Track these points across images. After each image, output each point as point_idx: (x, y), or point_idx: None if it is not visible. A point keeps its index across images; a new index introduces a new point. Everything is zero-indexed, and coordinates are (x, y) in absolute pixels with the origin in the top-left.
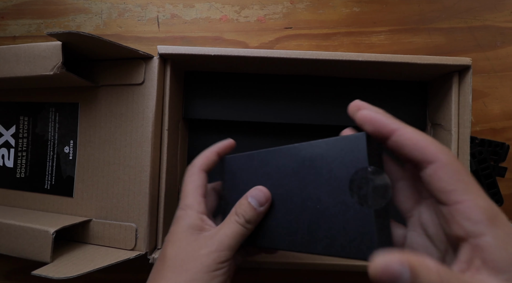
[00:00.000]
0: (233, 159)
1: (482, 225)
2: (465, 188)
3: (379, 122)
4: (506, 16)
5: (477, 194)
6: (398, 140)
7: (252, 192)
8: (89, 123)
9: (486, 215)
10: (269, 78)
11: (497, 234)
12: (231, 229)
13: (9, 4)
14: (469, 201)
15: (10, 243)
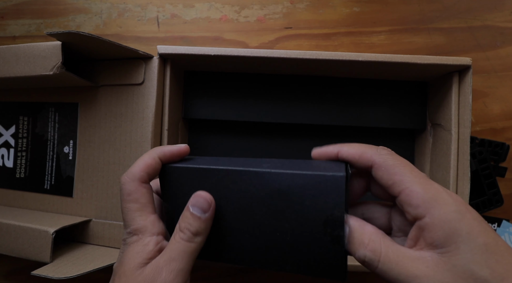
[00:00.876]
0: (181, 170)
1: (420, 208)
2: (401, 179)
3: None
4: (506, 16)
5: (413, 181)
6: (342, 157)
7: (192, 200)
8: (89, 123)
9: (422, 199)
10: (269, 78)
11: (433, 214)
12: (177, 250)
13: (9, 4)
14: (406, 189)
15: (10, 243)
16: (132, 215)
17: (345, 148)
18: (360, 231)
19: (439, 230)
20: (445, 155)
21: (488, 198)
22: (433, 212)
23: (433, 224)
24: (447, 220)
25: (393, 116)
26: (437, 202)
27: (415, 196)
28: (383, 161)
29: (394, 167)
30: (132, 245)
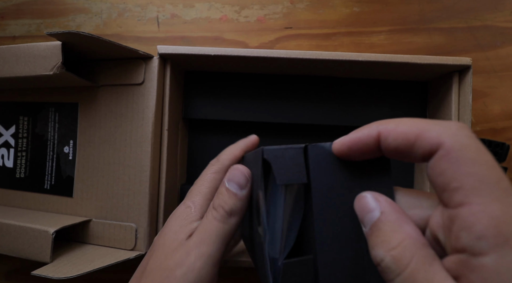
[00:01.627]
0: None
1: (487, 241)
2: (475, 185)
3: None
4: (506, 16)
5: (493, 196)
6: (389, 141)
7: (229, 174)
8: (89, 123)
9: (497, 229)
10: (269, 78)
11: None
12: (208, 231)
13: (9, 4)
14: (477, 205)
15: (10, 243)
16: (201, 190)
17: (391, 126)
18: (394, 225)
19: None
20: None
21: None
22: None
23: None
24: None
25: (393, 116)
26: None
27: (486, 219)
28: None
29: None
30: (180, 216)
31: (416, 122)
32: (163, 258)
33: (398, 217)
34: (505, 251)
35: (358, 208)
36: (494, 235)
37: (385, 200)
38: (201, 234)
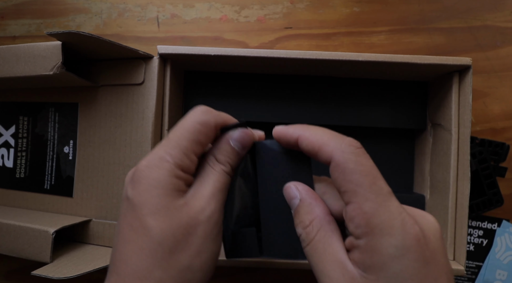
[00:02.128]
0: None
1: (361, 229)
2: (354, 189)
3: (282, 133)
4: (506, 16)
5: (366, 197)
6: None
7: (237, 133)
8: (89, 123)
9: (366, 221)
10: (269, 78)
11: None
12: (220, 181)
13: (9, 4)
14: (355, 204)
15: (10, 243)
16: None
17: (307, 133)
18: (308, 209)
19: (368, 258)
20: (445, 155)
21: (488, 198)
22: (375, 239)
23: (365, 249)
24: (383, 252)
25: (393, 116)
26: (382, 230)
27: (361, 215)
28: (343, 161)
29: (353, 173)
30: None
31: (322, 135)
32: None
33: (311, 202)
34: (370, 236)
35: (286, 196)
36: (365, 225)
37: (303, 189)
38: (214, 182)
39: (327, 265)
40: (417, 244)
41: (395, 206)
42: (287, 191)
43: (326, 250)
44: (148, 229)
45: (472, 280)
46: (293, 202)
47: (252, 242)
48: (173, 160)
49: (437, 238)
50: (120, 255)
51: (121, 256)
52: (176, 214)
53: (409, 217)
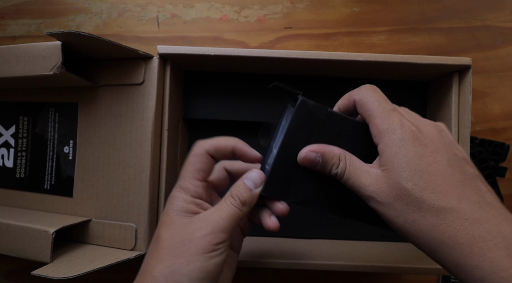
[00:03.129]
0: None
1: (377, 137)
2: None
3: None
4: (506, 16)
5: (376, 115)
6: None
7: (248, 174)
8: (89, 123)
9: (378, 129)
10: (269, 78)
11: (383, 141)
12: (226, 211)
13: (9, 4)
14: (371, 122)
15: (10, 243)
16: (184, 175)
17: (340, 101)
18: (330, 155)
19: (384, 154)
20: None
21: None
22: (383, 140)
23: (382, 149)
24: (390, 146)
25: None
26: (387, 132)
27: (375, 127)
28: (359, 98)
29: (367, 102)
30: (173, 198)
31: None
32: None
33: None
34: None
35: (307, 161)
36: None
37: (316, 147)
38: (219, 212)
39: (361, 178)
40: (413, 135)
41: (397, 116)
42: (307, 157)
43: (356, 169)
44: (159, 238)
45: None
46: (317, 161)
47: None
48: (182, 190)
49: (434, 133)
50: (145, 257)
51: (145, 258)
52: (179, 228)
53: (407, 121)
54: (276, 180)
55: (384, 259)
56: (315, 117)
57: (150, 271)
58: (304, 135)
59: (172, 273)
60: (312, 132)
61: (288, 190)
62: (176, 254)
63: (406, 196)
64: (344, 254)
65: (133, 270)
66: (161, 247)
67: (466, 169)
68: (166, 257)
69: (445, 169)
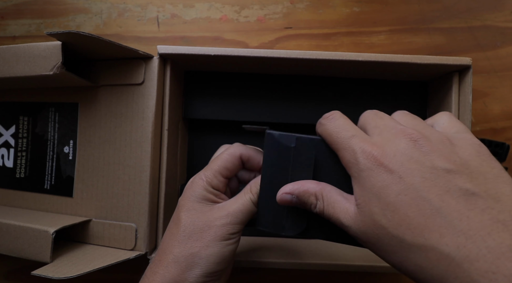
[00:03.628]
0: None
1: (346, 170)
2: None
3: None
4: (506, 16)
5: (337, 147)
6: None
7: None
8: (89, 123)
9: (344, 163)
10: (269, 78)
11: (352, 175)
12: (244, 205)
13: (9, 4)
14: (338, 156)
15: (10, 243)
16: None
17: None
18: (306, 196)
19: (355, 188)
20: None
21: None
22: (351, 172)
23: (353, 183)
24: (357, 178)
25: None
26: (351, 163)
27: (341, 160)
28: (320, 132)
29: (327, 137)
30: (195, 184)
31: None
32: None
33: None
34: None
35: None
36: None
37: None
38: (239, 205)
39: (340, 218)
40: (375, 162)
41: (356, 143)
42: (283, 200)
43: (334, 207)
44: (179, 220)
45: None
46: (294, 202)
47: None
48: (206, 179)
49: (405, 148)
50: (163, 237)
51: (163, 238)
52: (200, 214)
53: (369, 145)
54: (268, 214)
55: None
56: (285, 146)
57: (170, 250)
58: (281, 167)
59: (192, 255)
60: (288, 162)
61: (283, 222)
62: (196, 238)
63: (385, 235)
64: (344, 254)
65: (133, 270)
66: (182, 230)
67: (454, 183)
68: (187, 240)
69: (418, 196)
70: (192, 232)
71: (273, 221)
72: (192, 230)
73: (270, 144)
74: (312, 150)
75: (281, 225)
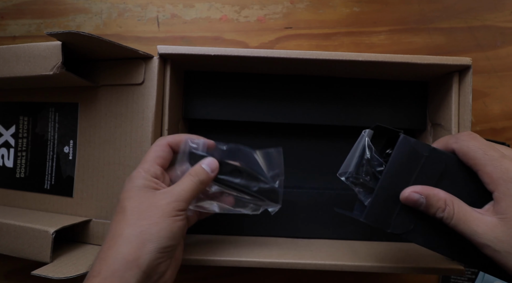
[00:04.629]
0: None
1: (491, 185)
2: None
3: None
4: (506, 16)
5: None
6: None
7: (205, 160)
8: (89, 123)
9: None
10: (269, 78)
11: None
12: (187, 185)
13: (9, 4)
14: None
15: (10, 243)
16: (145, 159)
17: (435, 144)
18: (436, 198)
19: (503, 202)
20: None
21: None
22: (500, 188)
23: (499, 198)
24: (509, 195)
25: (393, 116)
26: (503, 180)
27: (486, 176)
28: (459, 147)
29: (470, 152)
30: (134, 177)
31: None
32: (142, 199)
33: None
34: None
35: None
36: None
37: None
38: (180, 185)
39: (472, 225)
40: None
41: (509, 163)
42: (409, 198)
43: (466, 215)
44: (124, 208)
45: (472, 280)
46: (420, 202)
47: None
48: (143, 170)
49: None
50: (109, 230)
51: (109, 229)
52: (144, 199)
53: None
54: (378, 209)
55: (384, 259)
56: (417, 153)
57: (119, 233)
58: (406, 170)
59: (142, 233)
60: (413, 169)
61: (390, 219)
62: (144, 217)
63: None
64: (344, 254)
65: None
66: (128, 214)
67: None
68: (135, 221)
69: None
70: (139, 213)
71: (381, 217)
72: (139, 211)
73: (402, 147)
74: (442, 163)
75: (387, 222)
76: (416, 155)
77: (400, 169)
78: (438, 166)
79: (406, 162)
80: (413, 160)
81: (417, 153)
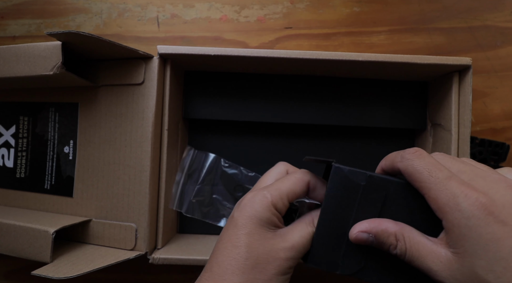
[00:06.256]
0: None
1: (438, 212)
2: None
3: None
4: (506, 16)
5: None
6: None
7: None
8: (89, 123)
9: (437, 205)
10: (269, 78)
11: (448, 219)
12: (306, 238)
13: (9, 4)
14: (425, 195)
15: (10, 243)
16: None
17: (383, 162)
18: (385, 235)
19: (452, 233)
20: None
21: None
22: (447, 217)
23: (448, 228)
24: (457, 225)
25: (393, 116)
26: (449, 207)
27: (432, 201)
28: (404, 167)
29: (414, 173)
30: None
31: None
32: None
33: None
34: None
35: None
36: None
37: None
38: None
39: (427, 261)
40: (484, 210)
41: (456, 186)
42: (358, 238)
43: (419, 250)
44: (240, 245)
45: None
46: (370, 241)
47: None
48: (272, 198)
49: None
50: (216, 258)
51: (217, 259)
52: (263, 241)
53: (472, 190)
54: (322, 251)
55: None
56: (354, 183)
57: (230, 278)
58: (345, 204)
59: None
60: (354, 200)
61: (338, 260)
62: (260, 270)
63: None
64: None
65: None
66: (245, 258)
67: None
68: (250, 271)
69: None
70: (256, 263)
71: (327, 258)
72: (256, 259)
73: (336, 179)
74: (382, 190)
75: (335, 263)
76: (352, 185)
77: (337, 203)
78: (379, 193)
79: (343, 194)
80: (350, 191)
81: (353, 183)
